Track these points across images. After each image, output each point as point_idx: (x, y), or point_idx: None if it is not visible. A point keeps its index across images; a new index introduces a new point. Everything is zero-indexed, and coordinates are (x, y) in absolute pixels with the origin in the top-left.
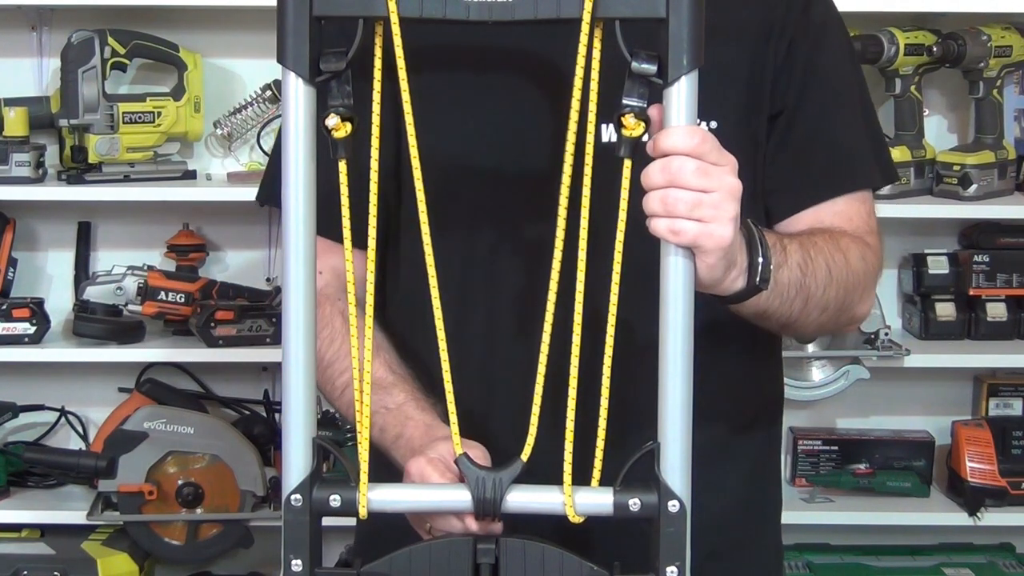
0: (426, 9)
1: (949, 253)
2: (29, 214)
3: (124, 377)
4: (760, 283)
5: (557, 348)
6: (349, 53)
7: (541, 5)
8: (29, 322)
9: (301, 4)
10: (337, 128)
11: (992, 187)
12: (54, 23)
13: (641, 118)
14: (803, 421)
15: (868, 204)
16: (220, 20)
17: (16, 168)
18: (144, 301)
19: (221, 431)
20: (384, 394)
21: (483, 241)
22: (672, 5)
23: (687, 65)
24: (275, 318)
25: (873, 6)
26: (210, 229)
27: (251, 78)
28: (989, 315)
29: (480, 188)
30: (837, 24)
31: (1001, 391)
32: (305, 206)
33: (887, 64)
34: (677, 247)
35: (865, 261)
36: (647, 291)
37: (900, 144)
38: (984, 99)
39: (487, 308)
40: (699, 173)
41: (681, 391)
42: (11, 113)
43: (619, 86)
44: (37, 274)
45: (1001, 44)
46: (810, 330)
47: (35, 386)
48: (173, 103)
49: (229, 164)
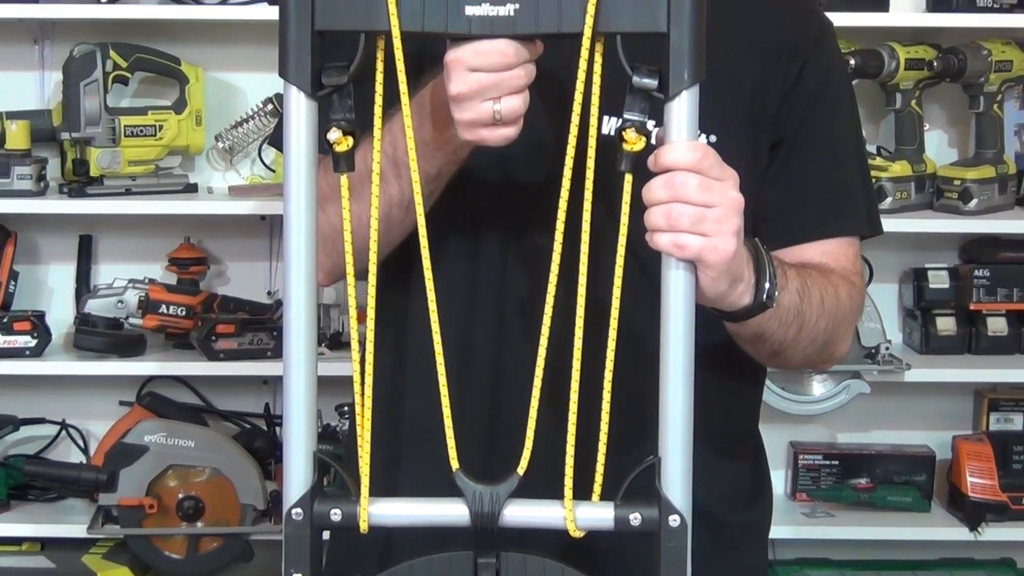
0: (428, 24)
1: (950, 268)
2: (30, 227)
3: (125, 390)
4: (767, 300)
5: (558, 358)
6: (351, 67)
7: (542, 20)
8: (30, 335)
9: (303, 18)
10: (339, 142)
11: (992, 202)
12: (56, 37)
13: (642, 132)
14: (804, 436)
15: (855, 247)
16: (222, 34)
17: (18, 181)
18: (145, 314)
19: (222, 445)
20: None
21: (488, 250)
22: (673, 19)
23: (688, 80)
24: (276, 331)
25: (874, 21)
26: (211, 242)
27: (252, 92)
28: (990, 330)
29: (485, 197)
30: (844, 67)
31: (1002, 406)
32: (307, 219)
33: (888, 79)
34: (679, 261)
35: (851, 300)
36: (650, 304)
37: (901, 159)
38: (984, 114)
39: (494, 317)
40: (702, 188)
41: (682, 405)
42: (13, 126)
43: (621, 82)
44: (38, 287)
45: (1001, 59)
46: (796, 361)
47: (36, 399)
48: (175, 116)
49: (230, 177)
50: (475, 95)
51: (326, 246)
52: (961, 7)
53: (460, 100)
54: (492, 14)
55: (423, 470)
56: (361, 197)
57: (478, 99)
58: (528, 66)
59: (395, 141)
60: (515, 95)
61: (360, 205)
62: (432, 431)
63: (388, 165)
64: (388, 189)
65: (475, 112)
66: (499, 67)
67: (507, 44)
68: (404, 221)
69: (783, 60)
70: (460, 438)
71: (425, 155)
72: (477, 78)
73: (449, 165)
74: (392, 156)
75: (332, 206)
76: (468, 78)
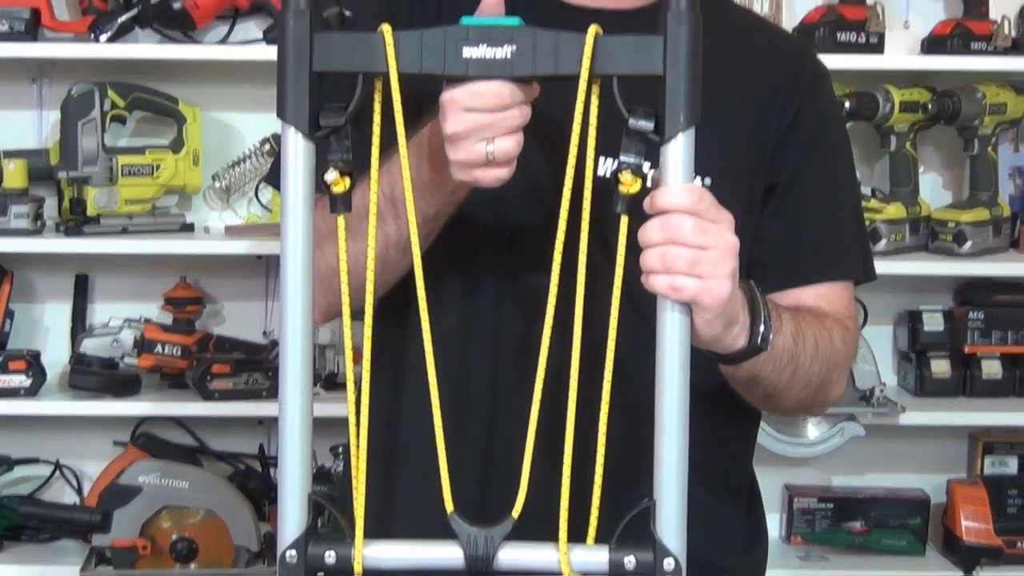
0: (425, 65)
1: (944, 310)
2: (27, 266)
3: (119, 430)
4: (761, 343)
5: (554, 400)
6: (348, 108)
7: (539, 62)
8: (25, 374)
9: (301, 60)
10: (336, 183)
11: (987, 244)
12: (55, 76)
13: (638, 175)
14: (798, 478)
15: (849, 291)
16: (220, 74)
17: (15, 220)
18: (141, 354)
19: (216, 486)
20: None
21: (484, 291)
22: (669, 63)
23: (684, 122)
24: (272, 371)
25: (869, 63)
26: (207, 282)
27: (250, 131)
28: (984, 373)
29: (482, 238)
30: (839, 112)
31: (996, 449)
32: (304, 259)
33: (882, 121)
34: (675, 303)
35: (845, 343)
36: (646, 346)
37: (895, 200)
38: (979, 156)
39: (489, 357)
40: (697, 230)
41: (676, 447)
42: (10, 165)
43: (617, 123)
44: (34, 326)
45: (995, 102)
46: (790, 404)
47: (30, 439)
48: (172, 156)
49: (227, 217)
50: (469, 135)
51: (322, 285)
52: (955, 50)
53: (455, 140)
54: (489, 56)
55: (418, 512)
56: (358, 236)
57: (472, 139)
58: (523, 107)
59: (393, 181)
60: (509, 136)
61: (357, 244)
62: (427, 473)
63: (386, 205)
64: (385, 229)
65: (469, 152)
66: (494, 108)
67: (502, 85)
68: (401, 261)
69: (779, 104)
70: (455, 480)
71: (423, 195)
72: (472, 118)
73: (447, 206)
74: (390, 196)
75: (328, 245)
76: (463, 118)
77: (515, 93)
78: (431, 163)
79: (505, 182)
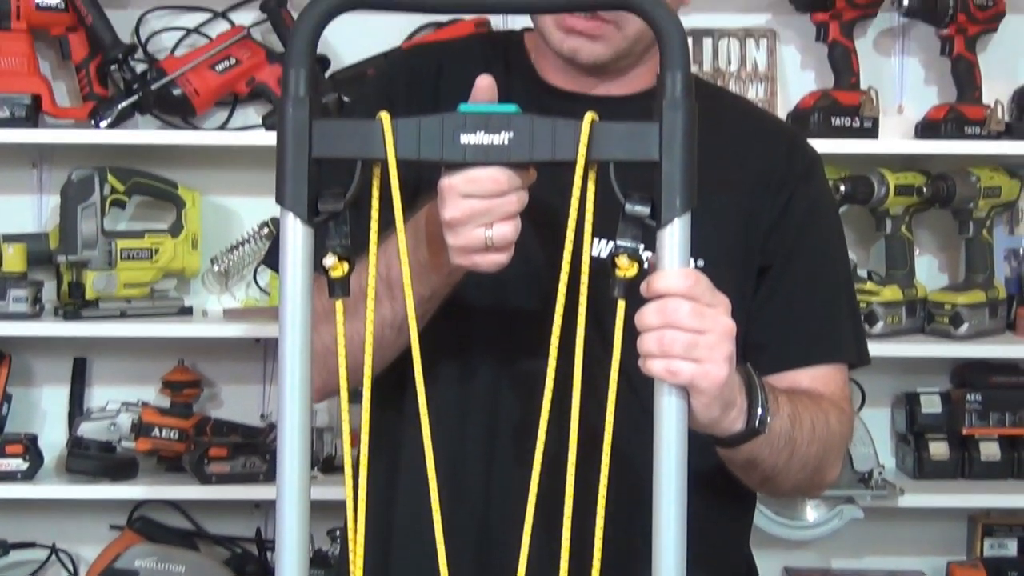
0: (424, 152)
1: (942, 392)
2: (25, 350)
3: (116, 514)
4: (759, 426)
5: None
6: (347, 194)
7: (536, 149)
8: (22, 458)
9: (301, 147)
10: (334, 268)
11: (983, 326)
12: (55, 161)
13: (635, 259)
14: (798, 561)
15: (843, 373)
16: (219, 158)
17: (13, 304)
18: (138, 437)
19: (212, 570)
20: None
21: (481, 373)
22: (665, 149)
23: (680, 207)
24: (269, 455)
25: (863, 148)
26: (205, 365)
27: (249, 215)
28: (983, 454)
29: (478, 321)
30: (831, 198)
31: (996, 531)
32: (302, 344)
33: (878, 204)
34: (672, 387)
35: (841, 425)
36: (643, 429)
37: (891, 283)
38: (974, 239)
39: (486, 440)
40: (694, 314)
41: (675, 531)
42: (10, 249)
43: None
44: (32, 410)
45: (990, 185)
46: (787, 487)
47: (26, 523)
48: (171, 240)
49: (225, 300)
50: (468, 220)
51: (317, 364)
52: (949, 134)
53: (453, 226)
54: (487, 142)
55: None
56: (353, 318)
57: (471, 225)
58: (521, 193)
59: (389, 263)
60: (507, 222)
61: (353, 324)
62: (424, 555)
63: (382, 286)
64: (381, 310)
65: (467, 238)
66: (492, 194)
67: (500, 171)
68: (396, 341)
69: (772, 189)
70: (452, 563)
71: (420, 277)
72: (470, 204)
73: (443, 287)
74: (386, 277)
75: (324, 325)
76: (461, 204)
77: (512, 179)
78: (429, 246)
79: (503, 266)
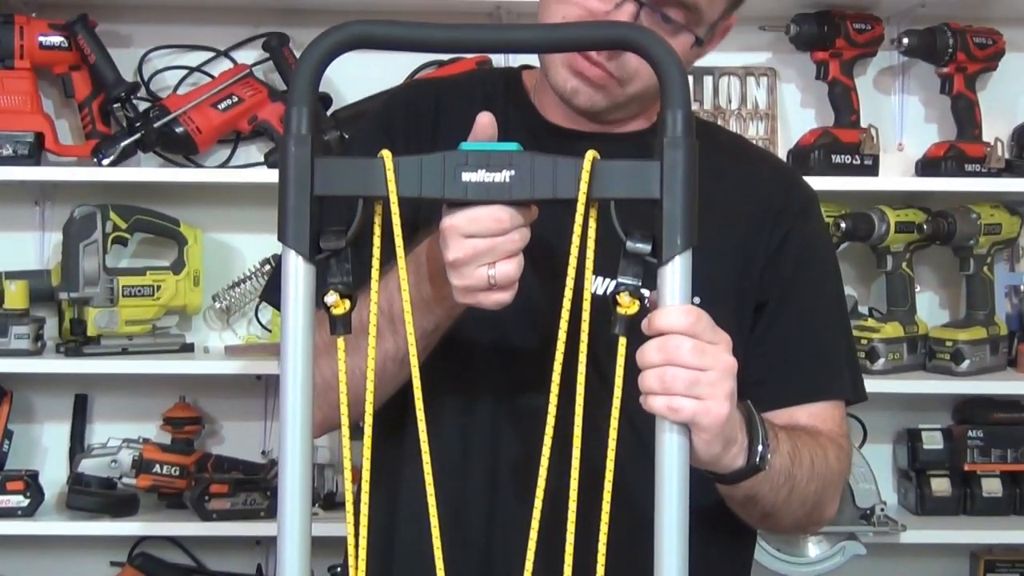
0: (425, 190)
1: (943, 428)
2: (27, 387)
3: (116, 551)
4: (759, 462)
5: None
6: (349, 232)
7: (537, 187)
8: (23, 495)
9: (302, 184)
10: (336, 305)
11: (985, 363)
12: (57, 198)
13: (636, 296)
14: None
15: (841, 410)
16: (220, 196)
17: (15, 341)
18: (139, 474)
19: None
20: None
21: (481, 410)
22: (666, 187)
23: (681, 245)
24: (270, 491)
25: (864, 185)
26: (206, 402)
27: (250, 252)
28: (984, 491)
29: (480, 357)
30: (827, 235)
31: (998, 567)
32: (303, 380)
33: (878, 241)
34: (673, 424)
35: (840, 461)
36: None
37: (892, 320)
38: (975, 276)
39: (487, 477)
40: (695, 351)
41: (677, 568)
42: (12, 286)
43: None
44: (33, 446)
45: (990, 222)
46: (787, 523)
47: (27, 559)
48: (173, 277)
49: (227, 337)
50: (471, 260)
51: (318, 398)
52: (950, 172)
53: (456, 266)
54: (488, 180)
55: None
56: (355, 352)
57: (473, 264)
58: (523, 230)
59: (391, 297)
60: (509, 260)
61: (353, 360)
62: None
63: (384, 320)
64: (383, 344)
65: (471, 278)
66: (494, 232)
67: (501, 210)
68: (398, 375)
69: (768, 226)
70: None
71: (423, 311)
72: (472, 244)
73: (445, 320)
74: (388, 312)
75: (325, 359)
76: (464, 244)
77: (514, 217)
78: (431, 280)
79: (506, 304)
